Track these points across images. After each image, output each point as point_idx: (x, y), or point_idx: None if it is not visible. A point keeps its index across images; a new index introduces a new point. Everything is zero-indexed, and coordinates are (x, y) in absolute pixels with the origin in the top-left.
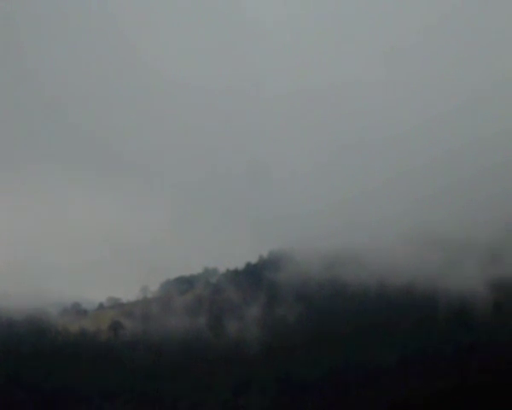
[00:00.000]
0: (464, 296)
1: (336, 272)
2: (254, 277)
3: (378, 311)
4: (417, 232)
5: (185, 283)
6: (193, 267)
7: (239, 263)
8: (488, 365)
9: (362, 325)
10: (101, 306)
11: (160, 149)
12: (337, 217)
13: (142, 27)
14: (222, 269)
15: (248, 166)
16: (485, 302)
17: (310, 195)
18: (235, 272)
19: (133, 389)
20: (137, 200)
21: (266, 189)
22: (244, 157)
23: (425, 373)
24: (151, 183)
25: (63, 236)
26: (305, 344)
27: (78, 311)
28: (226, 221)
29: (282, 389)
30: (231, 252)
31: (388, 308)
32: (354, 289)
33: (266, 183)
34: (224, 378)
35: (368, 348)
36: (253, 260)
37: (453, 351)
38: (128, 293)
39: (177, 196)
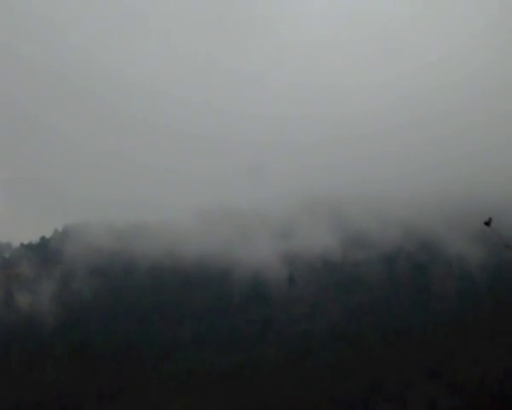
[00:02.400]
0: (258, 270)
1: (130, 247)
2: (49, 251)
3: (172, 285)
4: (209, 206)
5: None
6: None
7: (33, 237)
8: (283, 338)
9: (157, 299)
10: None
11: None
12: (130, 192)
13: None
14: (15, 243)
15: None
16: (279, 276)
17: (103, 170)
18: (30, 247)
19: None
20: None
21: (61, 164)
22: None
23: (220, 347)
24: None
25: None
26: (100, 318)
27: None
28: (20, 195)
29: (77, 363)
30: (25, 226)
31: (182, 282)
32: (148, 263)
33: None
34: (17, 353)
35: (163, 322)
36: (48, 234)
37: (248, 325)
38: None
39: None
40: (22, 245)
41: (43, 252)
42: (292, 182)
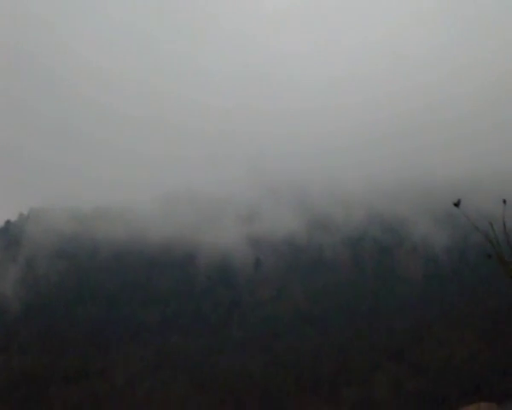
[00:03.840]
0: (224, 254)
1: (94, 230)
2: (13, 235)
3: (138, 268)
4: (174, 190)
5: None
6: None
7: None
8: (250, 321)
9: (123, 282)
10: None
11: None
12: (93, 176)
13: None
14: None
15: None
16: (245, 260)
17: (67, 155)
18: None
19: None
20: None
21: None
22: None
23: (187, 330)
24: None
25: None
26: (66, 302)
27: None
28: None
29: (43, 347)
30: None
31: (148, 266)
32: (112, 247)
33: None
34: None
35: (130, 306)
36: (13, 218)
37: (215, 308)
38: None
39: None
40: None
41: (8, 236)
42: (257, 166)
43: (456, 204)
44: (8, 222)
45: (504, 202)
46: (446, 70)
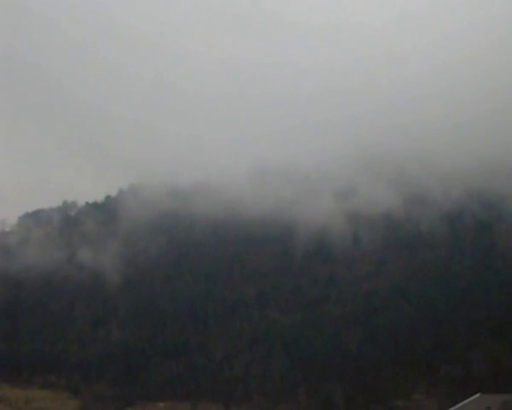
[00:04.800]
0: (322, 229)
1: (191, 206)
2: (114, 210)
3: (235, 244)
4: (271, 165)
5: (44, 216)
6: (51, 200)
7: (98, 196)
8: (347, 297)
9: (220, 257)
10: None
11: None
12: (190, 151)
13: None
14: (81, 202)
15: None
16: (342, 235)
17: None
18: (95, 205)
19: None
20: None
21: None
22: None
23: (283, 306)
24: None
25: None
26: (165, 277)
27: None
28: (85, 154)
29: (142, 321)
30: (90, 185)
31: (245, 241)
32: (209, 222)
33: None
34: (83, 311)
35: (227, 281)
36: (113, 193)
37: (312, 283)
38: None
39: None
40: (87, 204)
41: (108, 211)
42: (354, 141)
43: None
44: (107, 197)
45: None
46: None
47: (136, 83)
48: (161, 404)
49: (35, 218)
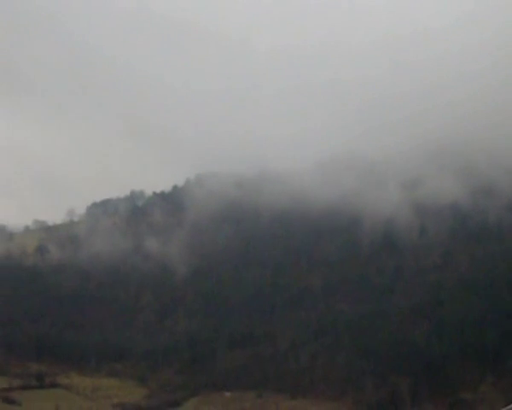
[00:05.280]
0: (389, 219)
1: (257, 196)
2: (181, 200)
3: (301, 234)
4: (336, 155)
5: (112, 206)
6: (119, 190)
7: (166, 186)
8: (414, 288)
9: (286, 247)
10: (27, 229)
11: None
12: (257, 142)
13: None
14: (148, 192)
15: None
16: (409, 226)
17: (232, 120)
18: (162, 195)
19: (59, 311)
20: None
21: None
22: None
23: (350, 297)
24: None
25: None
26: (232, 267)
27: (3, 234)
28: (153, 144)
29: (208, 311)
30: (158, 175)
31: (311, 231)
32: (275, 212)
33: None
34: (150, 301)
35: (293, 271)
36: (180, 183)
37: (378, 274)
38: (54, 216)
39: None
40: (155, 194)
41: (175, 201)
42: (421, 131)
43: None
44: (175, 187)
45: None
46: None
47: (205, 75)
48: (227, 393)
49: (103, 208)
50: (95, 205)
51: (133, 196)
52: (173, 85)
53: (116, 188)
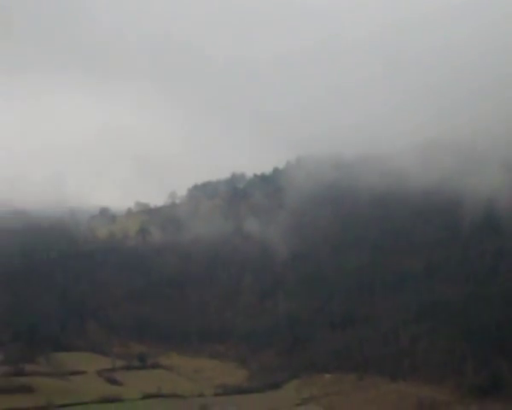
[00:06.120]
0: (490, 201)
1: (356, 178)
2: (281, 182)
3: (401, 216)
4: (434, 137)
5: (213, 188)
6: (220, 172)
7: (266, 168)
8: None
9: (386, 230)
10: (129, 211)
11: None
12: (356, 124)
13: None
14: (249, 174)
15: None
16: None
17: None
18: (263, 177)
19: (161, 293)
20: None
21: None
22: None
23: (451, 278)
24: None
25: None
26: (331, 248)
27: (106, 216)
28: (253, 127)
29: (308, 292)
30: (259, 157)
31: (411, 214)
32: (374, 194)
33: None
34: (250, 282)
35: (393, 253)
36: (281, 165)
37: (480, 256)
38: (156, 198)
39: (202, 102)
40: (255, 176)
41: (276, 183)
42: None
43: None
44: (275, 169)
45: None
46: None
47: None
48: (327, 375)
49: (204, 190)
50: (196, 187)
51: (234, 179)
52: (276, 70)
53: (217, 170)
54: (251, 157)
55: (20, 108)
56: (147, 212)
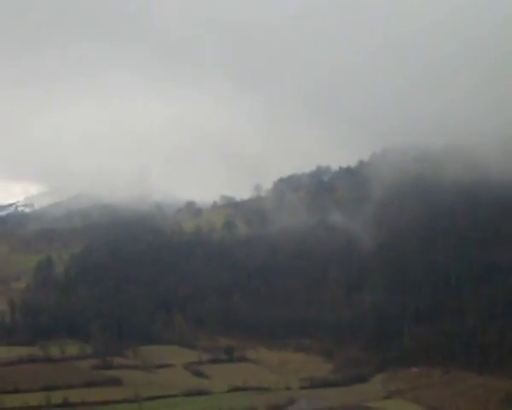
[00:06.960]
0: None
1: (441, 170)
2: (367, 174)
3: (487, 209)
4: None
5: (298, 181)
6: (306, 166)
7: (351, 161)
8: None
9: (474, 221)
10: (214, 204)
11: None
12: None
13: None
14: (334, 167)
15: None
16: None
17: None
18: (348, 170)
19: (247, 286)
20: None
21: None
22: None
23: None
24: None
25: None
26: (417, 241)
27: (192, 210)
28: (338, 120)
29: (394, 285)
30: (344, 150)
31: (498, 205)
32: (464, 186)
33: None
34: (337, 276)
35: (480, 246)
36: (366, 157)
37: None
38: (241, 192)
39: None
40: (341, 168)
41: (361, 175)
42: None
43: None
44: (360, 162)
45: None
46: None
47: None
48: (414, 369)
49: (289, 183)
50: (281, 180)
51: (319, 172)
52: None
53: (302, 163)
54: (336, 150)
55: (104, 105)
56: (232, 205)
